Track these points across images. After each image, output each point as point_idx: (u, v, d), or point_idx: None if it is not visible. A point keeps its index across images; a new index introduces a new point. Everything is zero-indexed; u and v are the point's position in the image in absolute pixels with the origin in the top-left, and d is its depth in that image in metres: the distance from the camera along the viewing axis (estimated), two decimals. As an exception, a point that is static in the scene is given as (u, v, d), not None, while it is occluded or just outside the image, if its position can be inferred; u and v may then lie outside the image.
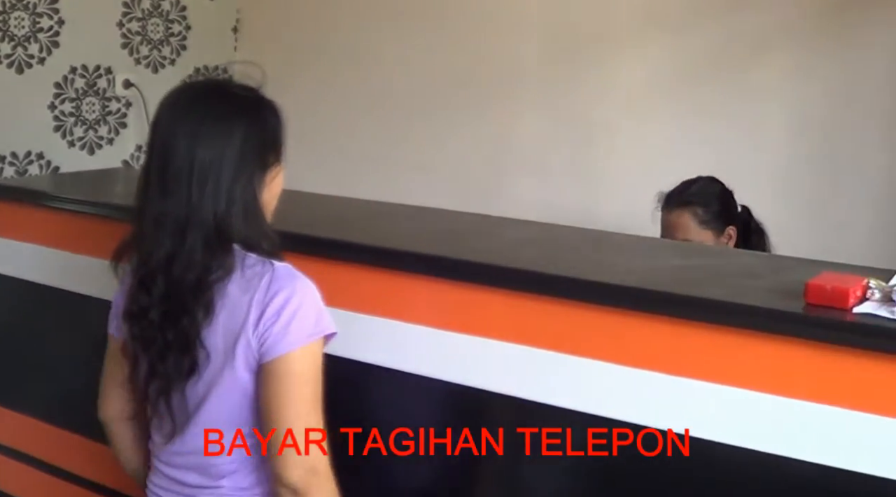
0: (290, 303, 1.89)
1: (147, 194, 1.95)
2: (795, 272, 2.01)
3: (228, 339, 1.92)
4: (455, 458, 2.22)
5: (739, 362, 1.87)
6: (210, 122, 1.93)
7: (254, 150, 1.95)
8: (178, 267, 1.90)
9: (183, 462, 2.05)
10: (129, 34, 4.54)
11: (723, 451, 1.88)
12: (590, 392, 2.02)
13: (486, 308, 2.15)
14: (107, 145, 4.49)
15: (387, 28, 4.60)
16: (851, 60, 3.65)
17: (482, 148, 4.42)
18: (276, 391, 1.89)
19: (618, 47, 4.09)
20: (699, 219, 3.16)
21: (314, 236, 2.37)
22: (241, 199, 1.92)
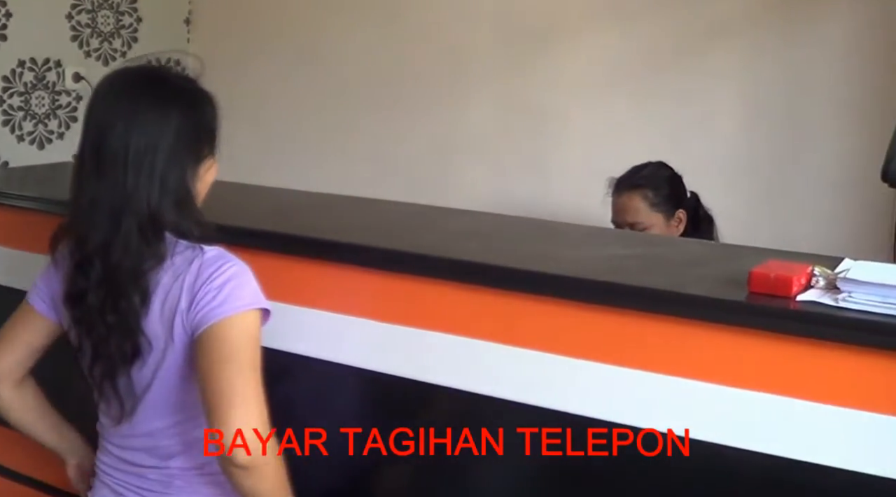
0: (222, 276, 1.90)
1: (82, 178, 1.95)
2: (741, 260, 2.01)
3: (166, 325, 1.92)
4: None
5: (682, 352, 1.87)
6: (147, 108, 1.92)
7: (189, 139, 1.95)
8: (114, 252, 1.90)
9: (132, 443, 2.05)
10: (79, 26, 4.50)
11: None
12: (533, 383, 2.02)
13: (426, 299, 2.15)
14: (57, 140, 4.46)
15: (338, 19, 4.59)
16: (805, 46, 3.68)
17: (433, 138, 4.42)
18: (212, 358, 1.87)
19: (569, 35, 4.10)
20: (650, 201, 3.20)
21: (253, 228, 2.37)
22: (174, 188, 1.93)
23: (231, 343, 1.88)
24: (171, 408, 1.99)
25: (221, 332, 1.88)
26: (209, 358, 1.88)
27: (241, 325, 1.89)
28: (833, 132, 3.62)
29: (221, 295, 1.89)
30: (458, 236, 2.37)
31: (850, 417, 1.73)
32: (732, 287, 1.88)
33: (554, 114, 4.15)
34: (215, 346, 1.88)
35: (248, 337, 1.90)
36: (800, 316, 1.77)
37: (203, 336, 1.89)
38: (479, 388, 2.08)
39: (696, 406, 1.86)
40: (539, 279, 2.02)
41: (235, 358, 1.87)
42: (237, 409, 1.83)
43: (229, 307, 1.89)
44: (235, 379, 1.85)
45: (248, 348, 1.89)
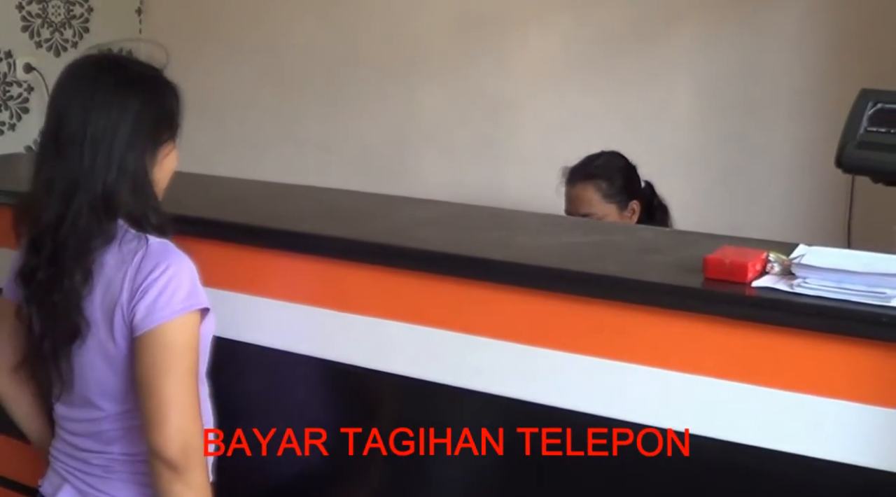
0: (162, 277, 1.90)
1: (40, 160, 1.99)
2: (696, 247, 2.01)
3: (106, 312, 1.93)
4: (339, 441, 2.22)
5: (638, 338, 1.88)
6: (106, 91, 1.95)
7: (148, 124, 1.97)
8: (63, 229, 1.92)
9: (77, 428, 2.07)
10: (30, 17, 4.45)
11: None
12: (489, 371, 2.02)
13: (381, 288, 2.16)
14: (9, 131, 4.41)
15: (289, 7, 4.56)
16: (760, 33, 3.69)
17: (387, 127, 4.40)
18: (150, 363, 1.89)
19: (522, 22, 4.09)
20: (603, 192, 3.18)
21: (204, 217, 2.37)
22: (131, 171, 1.94)
23: (170, 349, 1.90)
24: (114, 395, 2.00)
25: (160, 337, 1.89)
26: (148, 363, 1.90)
27: (179, 329, 1.91)
28: (787, 118, 3.63)
29: (162, 297, 1.89)
30: (414, 224, 2.37)
31: (806, 403, 1.75)
32: (688, 273, 1.89)
33: (508, 102, 4.14)
34: (154, 351, 1.90)
35: (187, 341, 1.92)
36: (755, 302, 1.78)
37: (142, 340, 1.90)
38: (434, 376, 2.08)
39: (653, 392, 1.86)
40: (494, 267, 2.03)
41: (174, 365, 1.90)
42: (174, 415, 1.88)
43: (169, 311, 1.89)
44: (174, 386, 1.89)
45: (186, 353, 1.92)
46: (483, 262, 2.05)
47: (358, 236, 2.25)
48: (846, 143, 2.31)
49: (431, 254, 2.13)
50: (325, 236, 2.26)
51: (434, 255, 2.12)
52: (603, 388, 1.91)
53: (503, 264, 2.03)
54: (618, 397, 1.90)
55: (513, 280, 1.99)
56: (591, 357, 1.91)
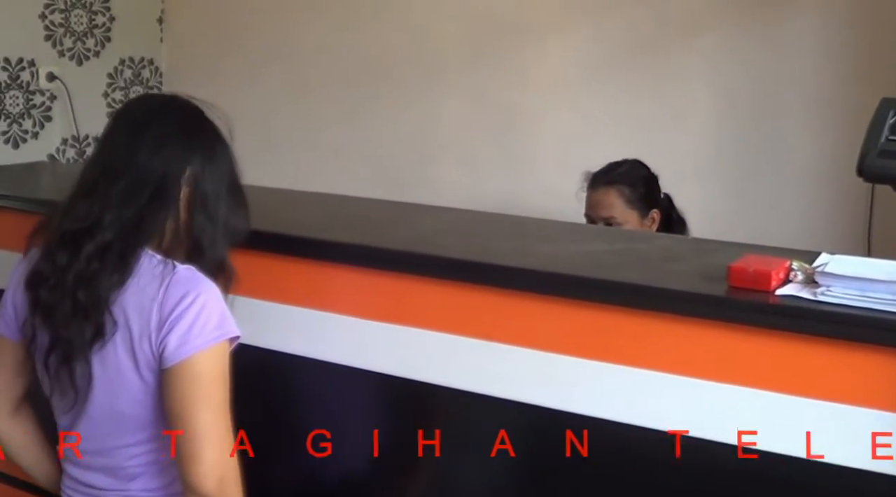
0: (192, 306, 1.88)
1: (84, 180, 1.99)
2: (718, 255, 2.02)
3: (133, 346, 1.90)
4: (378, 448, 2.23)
5: (661, 346, 1.88)
6: (158, 141, 1.96)
7: (221, 186, 2.03)
8: (106, 229, 1.91)
9: (91, 463, 2.03)
10: (52, 26, 4.48)
11: (648, 435, 1.89)
12: (513, 379, 2.02)
13: (403, 296, 2.16)
14: (31, 139, 4.43)
15: (310, 15, 4.58)
16: (777, 42, 3.69)
17: (405, 135, 4.41)
18: (183, 395, 1.87)
19: (542, 31, 4.10)
20: (626, 198, 3.19)
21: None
22: (214, 226, 1.99)
23: (203, 380, 1.87)
24: (131, 426, 1.96)
25: (193, 368, 1.87)
26: (180, 395, 1.87)
27: (211, 359, 1.88)
28: (806, 127, 3.64)
29: (195, 327, 1.87)
30: (434, 232, 2.38)
31: (830, 411, 1.74)
32: (711, 282, 1.90)
33: (526, 111, 4.15)
34: (186, 385, 1.87)
35: (219, 371, 1.90)
36: (779, 310, 1.78)
37: (174, 371, 1.88)
38: (459, 383, 2.08)
39: (676, 400, 1.86)
40: (517, 274, 2.03)
41: (208, 397, 1.87)
42: (210, 450, 1.85)
43: (201, 341, 1.87)
44: (209, 419, 1.86)
45: (218, 384, 1.89)
46: (505, 270, 2.05)
47: (379, 244, 2.26)
48: (867, 152, 2.31)
49: (452, 261, 2.13)
50: (348, 244, 2.26)
51: (455, 262, 2.12)
52: (625, 395, 1.91)
53: (526, 272, 2.03)
54: (640, 405, 1.90)
55: (535, 288, 2.00)
56: (614, 365, 1.91)
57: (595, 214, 3.21)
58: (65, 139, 4.49)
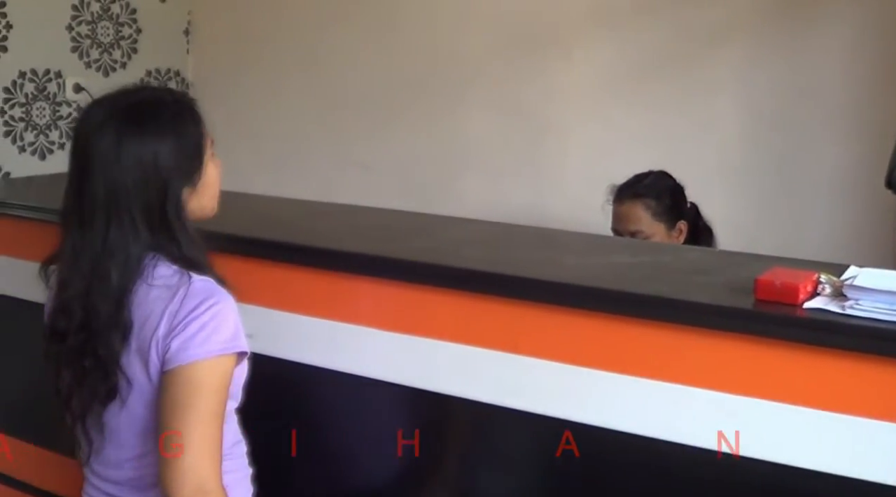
0: (205, 314, 1.84)
1: (66, 219, 1.93)
2: (745, 268, 2.01)
3: (143, 350, 1.88)
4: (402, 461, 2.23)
5: (688, 360, 1.87)
6: (123, 147, 1.86)
7: (175, 166, 1.90)
8: (94, 296, 1.87)
9: (112, 475, 2.01)
10: (79, 38, 4.50)
11: (672, 449, 1.88)
12: (537, 391, 2.01)
13: (428, 308, 2.16)
14: (58, 150, 4.45)
15: (336, 27, 4.59)
16: (802, 54, 3.67)
17: (431, 148, 4.41)
18: (174, 400, 1.82)
19: (568, 44, 4.10)
20: (652, 211, 3.18)
21: (250, 237, 2.37)
22: (166, 222, 1.89)
23: (197, 388, 1.83)
24: (146, 436, 1.93)
25: (190, 374, 1.83)
26: (170, 399, 1.83)
27: (212, 370, 1.84)
28: (833, 138, 3.62)
29: (200, 334, 1.83)
30: (460, 244, 2.37)
31: (857, 425, 1.73)
32: (738, 295, 1.89)
33: (552, 123, 4.14)
34: (180, 390, 1.83)
35: (217, 383, 1.85)
36: (807, 323, 1.77)
37: (171, 374, 1.84)
38: (482, 396, 2.08)
39: (703, 414, 1.85)
40: (543, 287, 2.03)
41: (198, 405, 1.82)
42: (188, 456, 1.80)
43: (204, 350, 1.83)
44: (192, 425, 1.81)
45: (213, 395, 1.84)
46: (531, 282, 2.05)
47: (403, 255, 2.26)
48: (896, 164, 2.30)
49: (477, 273, 2.13)
50: (372, 255, 2.26)
51: (480, 274, 2.12)
52: (652, 408, 1.90)
53: (551, 284, 2.03)
54: (666, 418, 1.89)
55: (560, 300, 1.99)
56: (640, 378, 1.90)
57: (622, 228, 3.20)
58: (91, 150, 4.50)
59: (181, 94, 2.05)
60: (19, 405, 2.88)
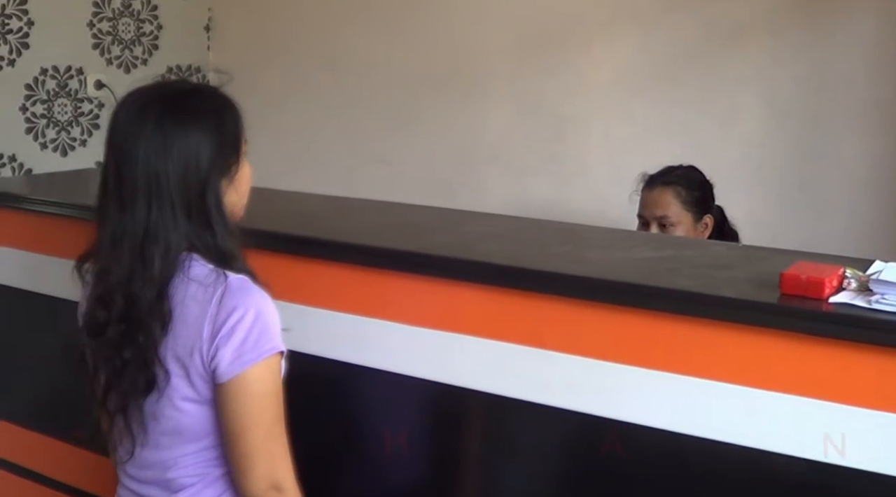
0: (244, 320, 1.84)
1: (104, 206, 1.92)
2: (770, 263, 2.00)
3: (184, 351, 1.87)
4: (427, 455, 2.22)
5: (713, 354, 1.87)
6: (166, 133, 1.87)
7: (215, 156, 1.90)
8: (136, 284, 1.87)
9: (143, 475, 2.01)
10: (100, 34, 4.51)
11: (699, 444, 1.87)
12: (562, 386, 2.01)
13: (455, 303, 2.15)
14: (80, 147, 4.46)
15: (357, 23, 4.59)
16: (825, 48, 3.65)
17: (450, 142, 4.41)
18: (237, 413, 1.85)
19: (589, 40, 4.09)
20: (682, 199, 3.18)
21: (274, 232, 2.36)
22: (205, 212, 1.89)
23: (256, 399, 1.86)
24: (182, 437, 1.94)
25: (246, 386, 1.85)
26: (234, 413, 1.86)
27: (264, 374, 1.86)
28: (857, 133, 3.60)
29: (248, 341, 1.84)
30: (481, 239, 2.37)
31: (885, 420, 1.72)
32: (763, 289, 1.88)
33: (573, 119, 4.13)
34: (241, 401, 1.85)
35: (272, 388, 1.87)
36: (833, 318, 1.76)
37: (228, 387, 1.85)
38: (507, 391, 2.07)
39: (727, 408, 1.85)
40: (567, 281, 2.02)
41: (260, 414, 1.86)
42: (261, 464, 1.85)
43: (255, 354, 1.84)
44: (260, 437, 1.86)
45: (272, 400, 1.87)
46: (555, 277, 2.04)
47: (428, 250, 2.25)
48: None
49: (501, 268, 2.12)
50: (397, 250, 2.26)
51: (505, 269, 2.11)
52: (678, 403, 1.89)
53: (576, 279, 2.02)
54: (691, 413, 1.89)
55: (585, 294, 1.99)
56: (665, 372, 1.90)
57: (649, 214, 3.20)
58: (113, 146, 4.51)
59: (219, 88, 2.05)
60: (43, 401, 2.89)
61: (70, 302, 2.55)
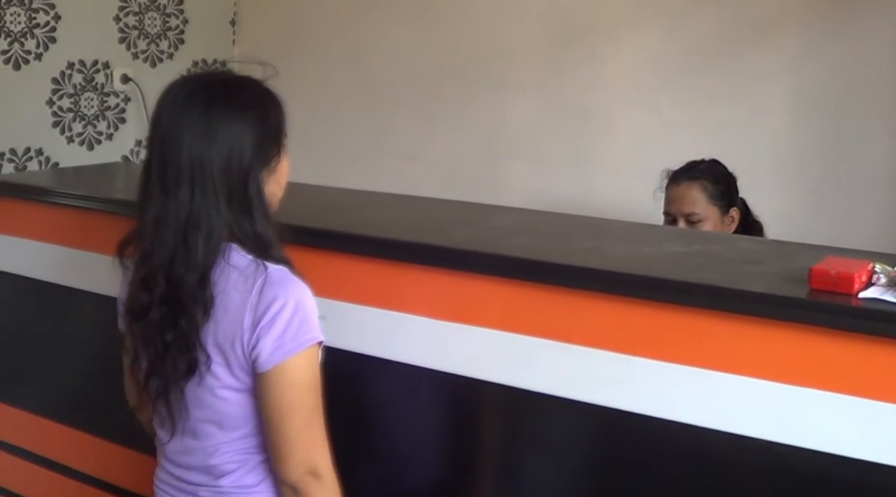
0: (285, 310, 1.87)
1: (147, 191, 1.94)
2: (799, 258, 2.00)
3: (225, 340, 1.90)
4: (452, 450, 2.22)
5: (742, 349, 1.85)
6: (212, 120, 1.90)
7: (257, 146, 1.93)
8: (179, 267, 1.89)
9: (186, 461, 2.04)
10: (127, 28, 4.52)
11: (726, 440, 1.86)
12: (589, 381, 2.00)
13: (480, 297, 2.14)
14: (106, 141, 4.47)
15: (381, 16, 4.59)
16: (855, 42, 3.63)
17: (475, 136, 4.40)
18: (278, 402, 1.89)
19: (614, 31, 4.07)
20: (708, 193, 3.17)
21: (307, 227, 2.36)
22: (247, 200, 1.91)
23: (295, 388, 1.89)
24: (224, 424, 1.97)
25: (286, 376, 1.88)
26: (274, 402, 1.89)
27: (304, 365, 1.89)
28: (888, 126, 3.57)
29: (289, 331, 1.86)
30: (508, 233, 2.36)
31: (915, 415, 1.71)
32: (792, 284, 1.87)
33: (599, 112, 4.12)
34: (281, 390, 1.89)
35: (311, 378, 1.91)
36: (863, 313, 1.75)
37: (268, 377, 1.88)
38: (534, 385, 2.06)
39: (756, 403, 1.84)
40: (597, 276, 2.01)
41: (299, 404, 1.90)
42: (298, 452, 1.89)
43: (295, 344, 1.87)
44: (300, 426, 1.89)
45: (311, 390, 1.91)
46: (583, 271, 2.04)
47: (452, 244, 2.25)
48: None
49: (528, 262, 2.11)
50: (421, 244, 2.26)
51: (531, 263, 2.10)
52: (706, 398, 1.88)
53: (603, 273, 2.02)
54: (718, 408, 1.88)
55: (612, 289, 1.98)
56: (692, 367, 1.89)
57: (676, 210, 3.18)
58: (139, 141, 4.53)
59: (262, 81, 2.07)
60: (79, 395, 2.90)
61: (97, 295, 2.58)
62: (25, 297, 2.98)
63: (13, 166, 4.15)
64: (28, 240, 2.89)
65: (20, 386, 3.04)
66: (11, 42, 4.08)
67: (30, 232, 2.89)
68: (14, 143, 4.16)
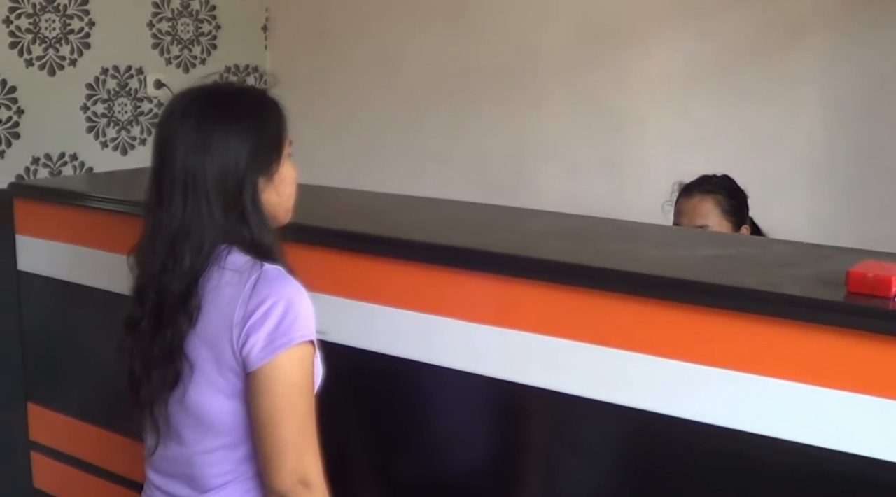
0: (277, 307, 1.86)
1: (148, 203, 1.97)
2: (834, 261, 1.99)
3: (215, 336, 1.89)
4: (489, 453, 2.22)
5: (779, 353, 1.85)
6: (206, 130, 1.91)
7: (254, 154, 1.93)
8: (166, 278, 1.90)
9: (170, 469, 2.03)
10: (160, 34, 4.55)
11: (763, 443, 1.86)
12: (624, 384, 2.00)
13: (516, 300, 2.15)
14: (139, 146, 4.50)
15: (413, 20, 4.60)
16: (887, 45, 3.60)
17: (506, 140, 4.40)
18: (271, 404, 1.86)
19: (646, 34, 4.06)
20: (722, 207, 3.13)
21: (343, 230, 2.37)
22: (239, 206, 1.92)
23: (287, 391, 1.86)
24: (215, 430, 1.95)
25: (277, 376, 1.86)
26: (265, 406, 1.87)
27: (295, 363, 1.87)
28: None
29: (281, 326, 1.85)
30: (542, 236, 2.37)
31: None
32: (828, 287, 1.87)
33: (629, 116, 4.11)
34: (273, 392, 1.86)
35: (303, 379, 1.88)
36: (900, 316, 1.74)
37: (259, 376, 1.86)
38: (570, 388, 2.07)
39: (793, 407, 1.83)
40: (634, 279, 2.01)
41: (291, 408, 1.87)
42: (291, 458, 1.86)
43: (284, 340, 1.85)
44: (290, 431, 1.86)
45: (303, 392, 1.88)
46: (618, 274, 2.04)
47: (488, 247, 2.25)
48: None
49: (562, 265, 2.12)
50: (457, 248, 2.26)
51: (566, 266, 2.11)
52: (742, 401, 1.88)
53: (642, 276, 2.01)
54: (755, 411, 1.87)
55: (647, 292, 1.98)
56: (730, 370, 1.89)
57: (688, 222, 3.15)
58: (172, 145, 4.55)
59: (264, 90, 2.10)
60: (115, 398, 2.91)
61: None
62: (61, 300, 3.01)
63: (48, 171, 4.18)
64: (63, 243, 2.92)
65: (56, 389, 3.06)
66: (46, 48, 4.12)
67: (65, 235, 2.92)
68: (49, 148, 4.19)
